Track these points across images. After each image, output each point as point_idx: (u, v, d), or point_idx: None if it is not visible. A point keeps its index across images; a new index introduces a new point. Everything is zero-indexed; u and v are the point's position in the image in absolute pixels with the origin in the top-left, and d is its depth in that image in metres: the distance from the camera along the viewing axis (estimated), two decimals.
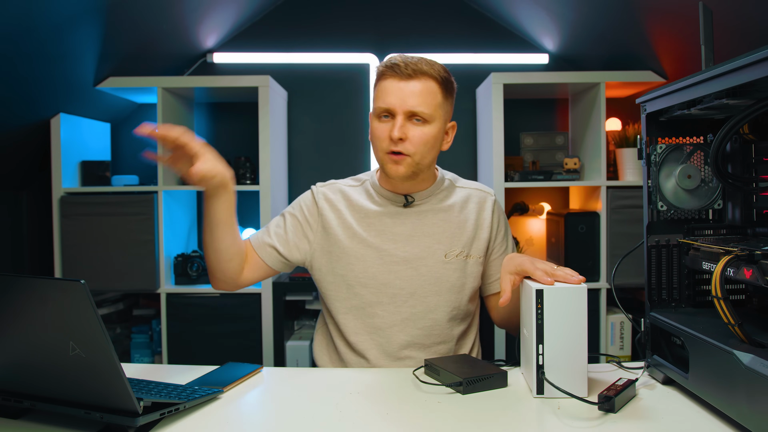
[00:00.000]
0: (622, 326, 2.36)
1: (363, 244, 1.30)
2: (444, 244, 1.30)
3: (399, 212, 1.31)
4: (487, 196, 1.37)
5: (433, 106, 1.22)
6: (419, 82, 1.20)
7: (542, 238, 2.71)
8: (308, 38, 2.74)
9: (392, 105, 1.20)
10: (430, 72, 1.21)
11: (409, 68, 1.20)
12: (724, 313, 0.86)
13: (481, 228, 1.34)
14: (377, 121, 1.24)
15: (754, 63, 0.78)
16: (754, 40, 1.66)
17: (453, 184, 1.39)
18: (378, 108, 1.23)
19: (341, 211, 1.33)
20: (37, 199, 2.39)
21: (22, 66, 1.87)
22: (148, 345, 2.50)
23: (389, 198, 1.32)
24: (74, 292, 0.79)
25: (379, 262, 1.29)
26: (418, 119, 1.21)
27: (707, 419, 0.91)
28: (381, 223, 1.31)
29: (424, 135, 1.21)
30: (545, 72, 2.58)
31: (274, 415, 0.99)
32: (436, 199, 1.34)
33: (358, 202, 1.33)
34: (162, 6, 2.14)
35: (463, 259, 1.31)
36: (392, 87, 1.21)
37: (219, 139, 2.76)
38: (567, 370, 1.01)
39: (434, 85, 1.22)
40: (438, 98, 1.23)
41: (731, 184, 1.04)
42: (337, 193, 1.35)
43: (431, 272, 1.29)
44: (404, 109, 1.20)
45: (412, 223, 1.31)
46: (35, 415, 0.94)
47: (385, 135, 1.22)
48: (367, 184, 1.37)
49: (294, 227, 1.34)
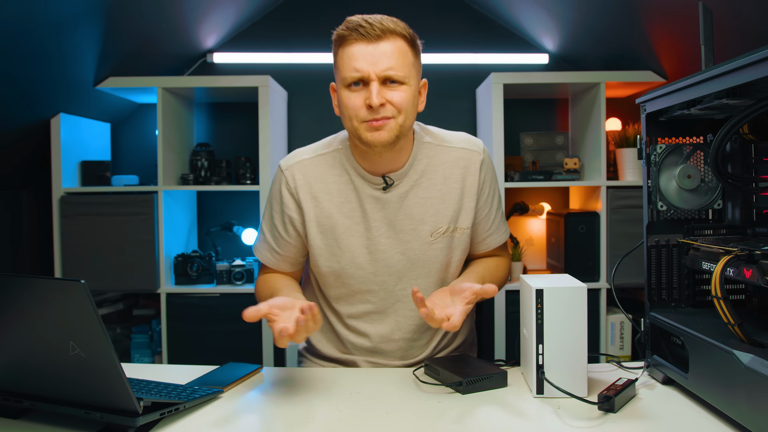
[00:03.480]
0: (622, 326, 2.36)
1: (347, 233, 1.24)
2: (428, 224, 1.24)
3: (378, 197, 1.23)
4: (474, 155, 1.27)
5: (407, 66, 1.14)
6: (389, 43, 1.11)
7: (542, 238, 2.71)
8: (308, 38, 2.74)
9: (365, 70, 1.10)
10: (397, 30, 1.13)
11: (375, 29, 1.10)
12: (724, 313, 0.86)
13: (466, 196, 1.26)
14: (347, 90, 1.13)
15: (754, 63, 0.78)
16: (754, 40, 1.66)
17: (434, 145, 1.27)
18: (348, 77, 1.12)
19: (319, 200, 1.24)
20: (37, 199, 2.39)
21: (22, 66, 1.87)
22: (148, 345, 2.50)
23: (368, 180, 1.23)
24: (74, 292, 0.79)
25: (365, 251, 1.24)
26: (393, 82, 1.12)
27: (707, 419, 0.91)
28: (362, 210, 1.23)
29: (403, 97, 1.13)
30: (545, 72, 2.58)
31: (274, 415, 0.99)
32: (416, 173, 1.24)
33: (336, 185, 1.24)
34: (162, 6, 2.14)
35: (449, 235, 1.26)
36: (361, 51, 1.11)
37: (219, 139, 2.76)
38: (567, 370, 1.01)
39: (404, 44, 1.14)
40: (410, 57, 1.15)
41: (731, 184, 1.04)
42: (310, 175, 1.25)
43: (417, 255, 1.25)
44: (378, 74, 1.10)
45: (393, 208, 1.23)
46: (35, 415, 0.94)
47: (360, 104, 1.12)
48: (340, 155, 1.25)
49: (286, 229, 1.28)
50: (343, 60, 1.14)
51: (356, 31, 1.11)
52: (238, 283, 2.37)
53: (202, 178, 2.45)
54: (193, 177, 2.43)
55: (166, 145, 2.36)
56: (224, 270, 2.38)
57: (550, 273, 2.09)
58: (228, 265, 2.38)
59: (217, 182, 2.46)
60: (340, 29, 1.15)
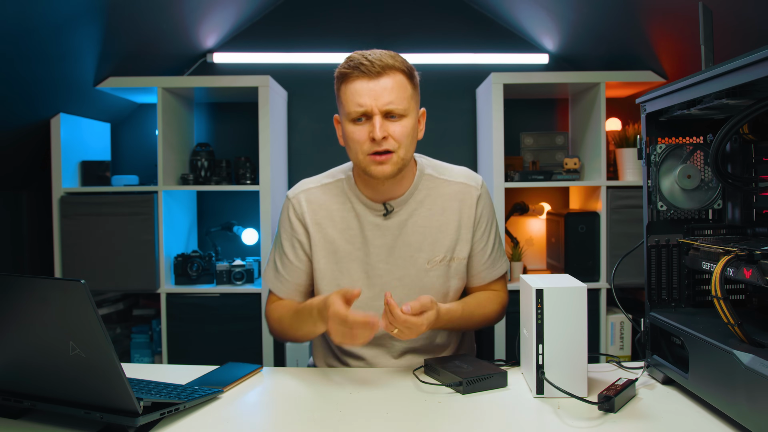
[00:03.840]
0: (622, 326, 2.36)
1: (348, 258, 1.30)
2: (426, 252, 1.29)
3: (379, 224, 1.29)
4: (471, 190, 1.32)
5: (406, 99, 1.21)
6: (389, 78, 1.19)
7: (542, 238, 2.71)
8: (308, 38, 2.74)
9: (367, 106, 1.18)
10: (396, 65, 1.20)
11: (375, 66, 1.18)
12: (724, 313, 0.86)
13: (463, 227, 1.31)
14: (352, 125, 1.21)
15: (754, 63, 0.78)
16: (754, 40, 1.66)
17: (434, 178, 1.33)
18: (352, 112, 1.19)
19: (322, 226, 1.31)
20: (37, 199, 2.39)
21: (22, 66, 1.87)
22: (148, 345, 2.50)
23: (369, 207, 1.30)
24: (74, 292, 0.79)
25: (364, 276, 1.30)
26: (394, 116, 1.20)
27: (707, 419, 0.91)
28: (362, 236, 1.29)
29: (403, 129, 1.20)
30: (545, 72, 2.58)
31: (274, 415, 0.99)
32: (415, 201, 1.30)
33: (339, 213, 1.31)
34: (162, 6, 2.14)
35: (445, 264, 1.30)
36: (363, 88, 1.18)
37: (219, 139, 2.76)
38: (567, 370, 1.01)
39: (403, 78, 1.21)
40: (408, 90, 1.22)
41: (731, 184, 1.04)
42: (314, 203, 1.32)
43: (414, 282, 1.30)
44: (380, 108, 1.18)
45: (393, 235, 1.29)
46: (35, 415, 0.94)
47: (365, 137, 1.20)
48: (343, 184, 1.33)
49: (296, 254, 1.33)
50: (346, 96, 1.21)
51: (358, 69, 1.19)
52: (238, 283, 2.37)
53: (202, 178, 2.45)
54: (193, 177, 2.43)
55: (166, 145, 2.36)
56: (224, 270, 2.38)
57: (550, 273, 2.10)
58: (228, 265, 2.38)
59: (217, 182, 2.46)
60: (342, 67, 1.22)
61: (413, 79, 1.24)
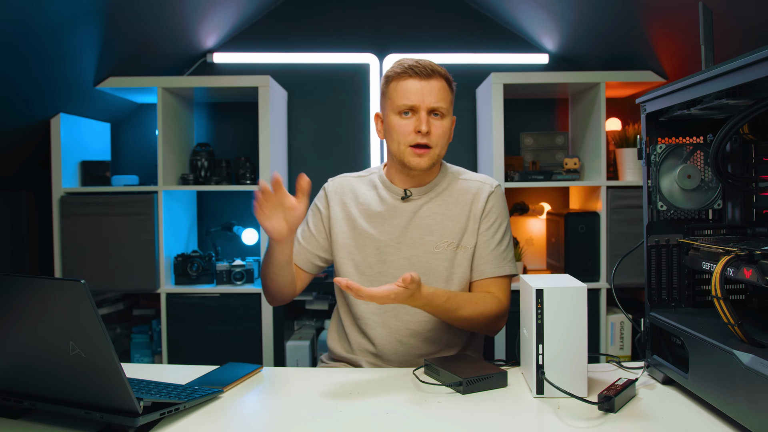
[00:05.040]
0: (622, 326, 2.36)
1: (363, 236, 1.39)
2: (435, 236, 1.37)
3: (396, 206, 1.39)
4: (484, 186, 1.41)
5: (448, 102, 1.35)
6: (437, 81, 1.32)
7: (542, 238, 2.71)
8: (308, 38, 2.74)
9: (416, 102, 1.31)
10: (441, 72, 1.34)
11: (426, 69, 1.31)
12: (724, 313, 0.86)
13: (471, 218, 1.38)
14: (398, 117, 1.32)
15: (754, 63, 0.78)
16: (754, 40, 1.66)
17: (456, 177, 1.43)
18: (401, 105, 1.31)
19: (347, 204, 1.43)
20: (37, 199, 2.39)
21: (22, 66, 1.87)
22: (148, 345, 2.50)
23: (392, 191, 1.41)
24: (74, 292, 0.79)
25: (375, 252, 1.38)
26: (437, 114, 1.33)
27: (707, 419, 0.91)
28: (380, 216, 1.39)
29: (443, 128, 1.34)
30: (545, 72, 2.58)
31: (274, 415, 0.99)
32: (434, 192, 1.40)
33: (364, 195, 1.43)
34: (162, 6, 2.14)
35: (452, 249, 1.36)
36: (414, 86, 1.31)
37: (219, 139, 2.76)
38: (567, 370, 1.01)
39: (445, 85, 1.35)
40: (450, 96, 1.36)
41: (731, 184, 1.04)
42: (345, 186, 1.46)
43: (422, 262, 1.36)
44: (427, 106, 1.31)
45: (407, 217, 1.38)
46: (35, 415, 0.94)
47: (410, 129, 1.31)
48: (374, 177, 1.46)
49: (315, 223, 1.44)
50: (397, 92, 1.33)
51: (411, 70, 1.32)
52: (238, 283, 2.37)
53: (202, 178, 2.45)
54: (193, 177, 2.43)
55: (166, 145, 2.36)
56: (224, 270, 2.38)
57: (550, 273, 2.10)
58: (228, 265, 2.38)
59: (217, 182, 2.46)
60: (395, 68, 1.35)
61: (452, 88, 1.38)
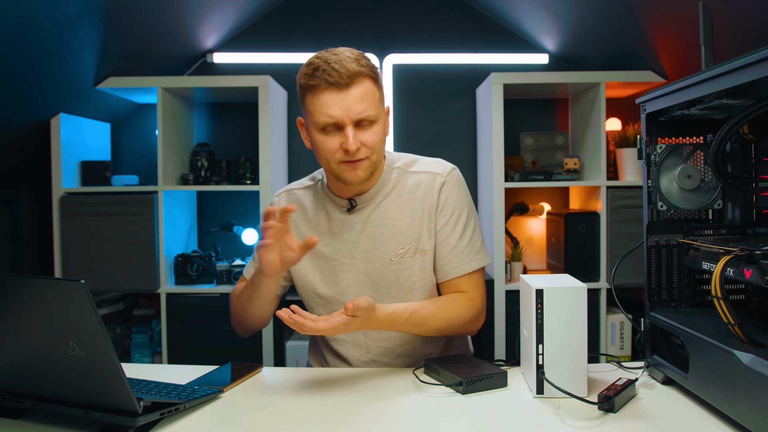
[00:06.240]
0: (622, 326, 2.36)
1: (316, 255, 1.29)
2: (389, 245, 1.26)
3: (344, 219, 1.28)
4: (435, 178, 1.27)
5: (375, 105, 1.18)
6: (358, 87, 1.15)
7: (542, 238, 2.71)
8: (308, 38, 2.74)
9: (339, 117, 1.14)
10: (362, 71, 1.15)
11: (344, 76, 1.13)
12: (724, 313, 0.86)
13: (426, 216, 1.26)
14: (321, 134, 1.17)
15: (754, 63, 0.78)
16: (754, 40, 1.66)
17: (404, 171, 1.30)
18: (321, 122, 1.15)
19: (297, 223, 1.32)
20: (37, 199, 2.39)
21: (22, 66, 1.87)
22: (148, 345, 2.50)
23: (336, 203, 1.30)
24: (74, 292, 0.79)
25: (331, 272, 1.28)
26: (366, 123, 1.17)
27: (707, 419, 0.91)
28: (330, 233, 1.29)
29: (375, 135, 1.18)
30: (545, 72, 2.58)
31: (274, 415, 0.99)
32: (381, 195, 1.28)
33: (312, 212, 1.32)
34: (162, 6, 2.14)
35: (410, 256, 1.25)
36: (332, 99, 1.14)
37: (219, 139, 2.76)
38: (567, 370, 1.01)
39: (370, 84, 1.17)
40: (377, 95, 1.19)
41: (731, 184, 1.04)
42: (292, 202, 1.34)
43: (380, 275, 1.26)
44: (352, 119, 1.15)
45: (357, 229, 1.27)
46: (35, 415, 0.94)
47: (336, 147, 1.17)
48: (318, 186, 1.34)
49: None
50: (314, 106, 1.16)
51: (325, 80, 1.14)
52: None
53: (202, 178, 2.45)
54: (193, 177, 2.43)
55: (166, 145, 2.36)
56: (224, 270, 2.38)
57: (550, 273, 2.10)
58: (228, 265, 2.38)
59: (217, 182, 2.46)
60: (306, 78, 1.17)
61: (378, 80, 1.20)
